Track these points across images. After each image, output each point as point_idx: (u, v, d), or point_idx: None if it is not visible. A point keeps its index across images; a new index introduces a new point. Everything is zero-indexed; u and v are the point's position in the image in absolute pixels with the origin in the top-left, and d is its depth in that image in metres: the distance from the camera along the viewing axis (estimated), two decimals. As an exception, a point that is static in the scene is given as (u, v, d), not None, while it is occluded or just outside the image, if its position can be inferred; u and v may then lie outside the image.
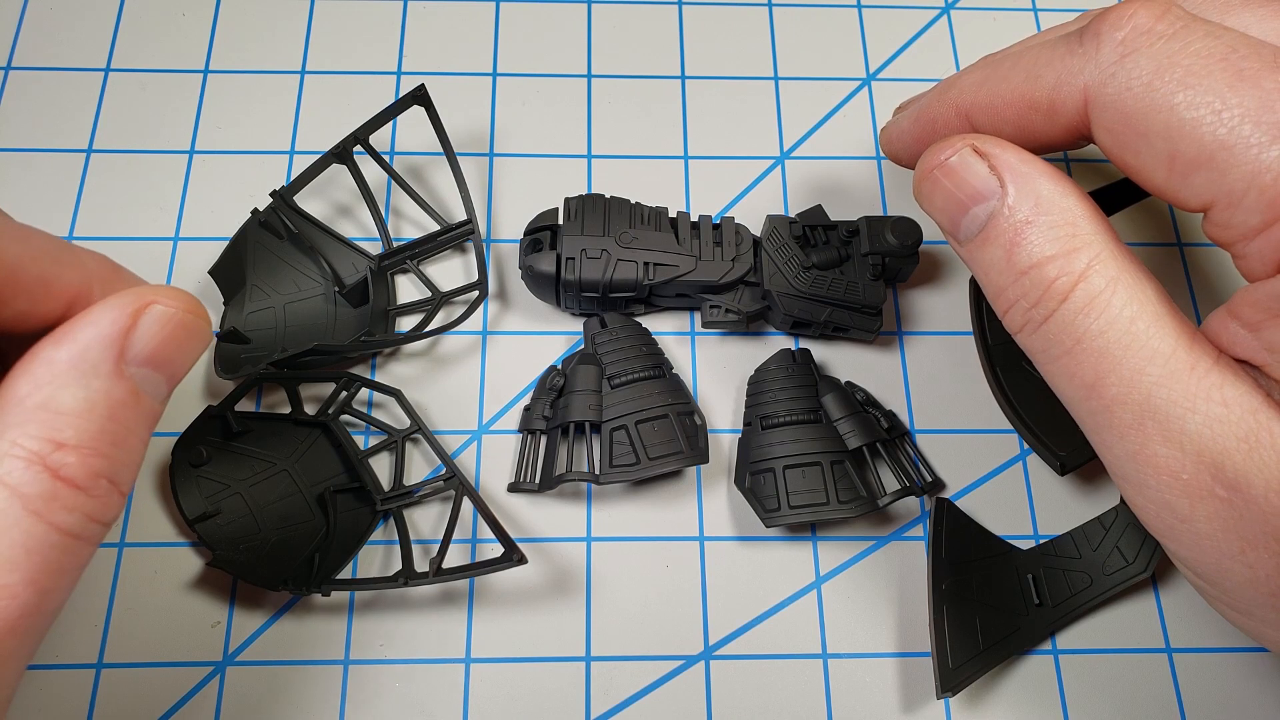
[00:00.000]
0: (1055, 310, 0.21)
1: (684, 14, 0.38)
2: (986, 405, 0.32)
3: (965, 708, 0.28)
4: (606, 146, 0.35)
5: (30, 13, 0.36)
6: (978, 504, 0.31)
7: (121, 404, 0.18)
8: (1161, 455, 0.20)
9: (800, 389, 0.30)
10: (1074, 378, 0.21)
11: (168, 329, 0.19)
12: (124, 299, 0.19)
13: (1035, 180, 0.22)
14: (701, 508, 0.30)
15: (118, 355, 0.18)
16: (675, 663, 0.28)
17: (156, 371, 0.19)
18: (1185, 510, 0.20)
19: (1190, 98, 0.20)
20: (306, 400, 0.31)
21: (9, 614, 0.17)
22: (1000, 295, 0.22)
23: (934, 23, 0.38)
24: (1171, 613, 0.29)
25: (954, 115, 0.26)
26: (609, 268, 0.30)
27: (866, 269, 0.31)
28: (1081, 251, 0.21)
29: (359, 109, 0.35)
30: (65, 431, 0.17)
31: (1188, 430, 0.20)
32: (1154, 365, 0.20)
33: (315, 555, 0.28)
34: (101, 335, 0.18)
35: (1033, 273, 0.21)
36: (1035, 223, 0.21)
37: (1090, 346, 0.21)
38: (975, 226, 0.22)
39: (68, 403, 0.18)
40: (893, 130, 0.29)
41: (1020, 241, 0.21)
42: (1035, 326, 0.22)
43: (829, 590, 0.29)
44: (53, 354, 0.18)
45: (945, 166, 0.23)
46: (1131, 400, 0.20)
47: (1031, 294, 0.21)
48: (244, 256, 0.32)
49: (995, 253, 0.22)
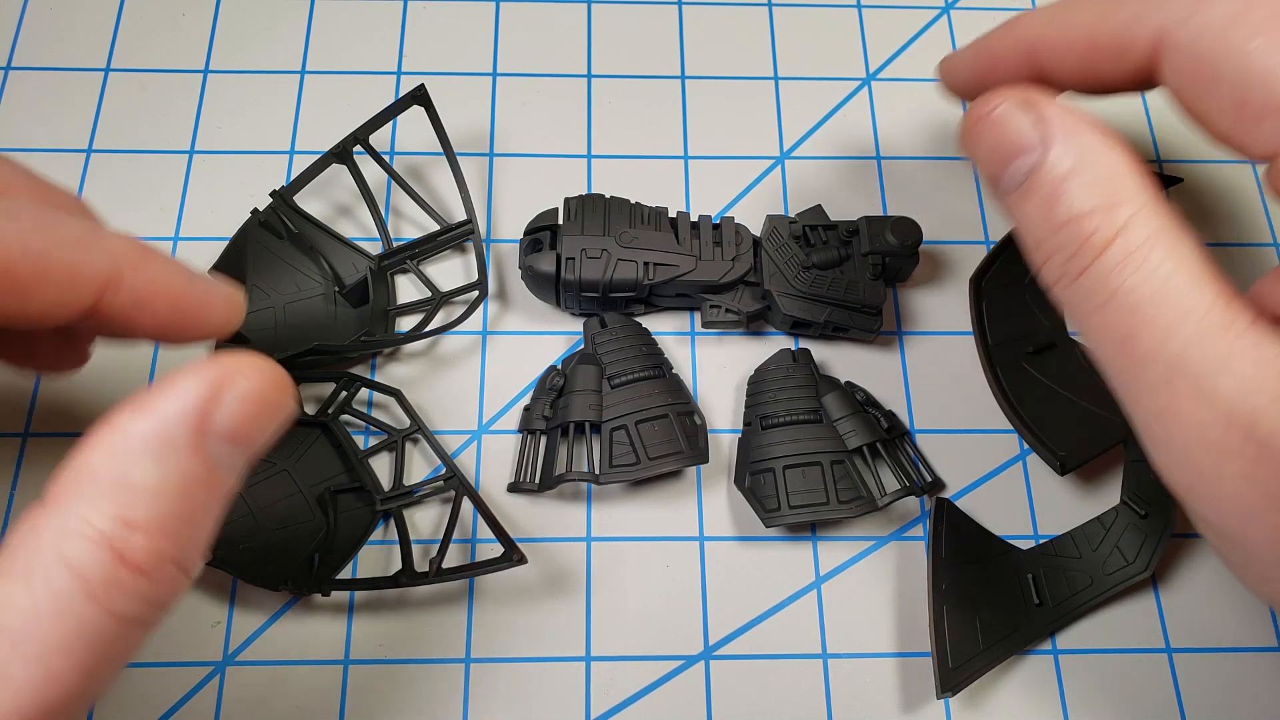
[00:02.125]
0: (1091, 263, 0.21)
1: (684, 14, 0.38)
2: (986, 405, 0.32)
3: (965, 708, 0.28)
4: (606, 146, 0.35)
5: (30, 12, 0.36)
6: (978, 504, 0.30)
7: (197, 482, 0.17)
8: (1190, 413, 0.20)
9: (800, 389, 0.30)
10: (1107, 332, 0.21)
11: (250, 405, 0.18)
12: (207, 371, 0.18)
13: (1080, 134, 0.22)
14: (701, 508, 0.30)
15: (197, 431, 0.17)
16: (675, 663, 0.28)
17: (235, 447, 0.18)
18: (1211, 469, 0.20)
19: (1265, 44, 0.20)
20: (306, 400, 0.31)
21: (53, 700, 0.16)
22: (1039, 247, 0.22)
23: (934, 23, 0.38)
24: (1171, 613, 0.29)
25: (1017, 50, 0.26)
26: (609, 268, 0.30)
27: (866, 269, 0.31)
28: (1122, 206, 0.21)
29: (359, 109, 0.35)
30: (137, 510, 0.17)
31: (1219, 389, 0.19)
32: (1188, 322, 0.20)
33: (315, 555, 0.28)
34: (182, 410, 0.17)
35: (1071, 225, 0.21)
36: (1077, 176, 0.21)
37: (1124, 301, 0.20)
38: (1018, 178, 0.22)
39: (142, 480, 0.17)
40: (953, 61, 0.28)
41: (1061, 194, 0.21)
42: (1071, 279, 0.21)
43: (829, 590, 0.29)
44: (130, 426, 0.17)
45: (991, 118, 0.23)
46: (1163, 356, 0.20)
47: (1069, 246, 0.21)
48: (244, 256, 0.32)
49: (1035, 205, 0.22)
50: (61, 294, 0.19)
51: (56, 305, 0.20)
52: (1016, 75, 0.26)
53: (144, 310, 0.21)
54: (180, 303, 0.22)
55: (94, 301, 0.20)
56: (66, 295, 0.20)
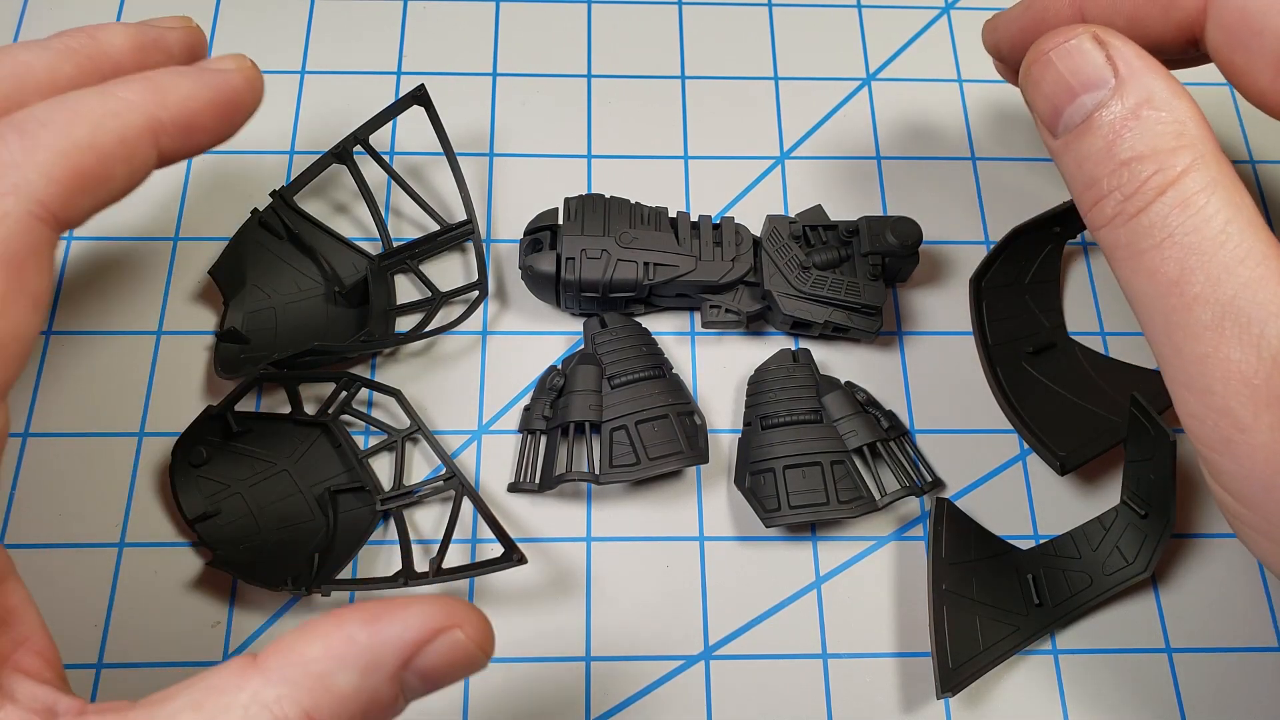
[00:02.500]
0: (1150, 203, 0.21)
1: (684, 14, 0.38)
2: (986, 405, 0.32)
3: (965, 708, 0.28)
4: (606, 146, 0.35)
5: (30, 12, 0.36)
6: (978, 504, 0.31)
7: (383, 705, 0.19)
8: (1236, 359, 0.20)
9: (800, 389, 0.30)
10: (1157, 273, 0.21)
11: (455, 654, 0.19)
12: (437, 611, 0.19)
13: (1149, 76, 0.22)
14: (701, 508, 0.30)
15: (404, 662, 0.18)
16: (675, 663, 0.28)
17: (423, 683, 0.19)
18: (1249, 419, 0.20)
19: None
20: (306, 400, 0.31)
21: None
22: (1093, 186, 0.22)
23: (934, 23, 0.38)
24: (1171, 613, 0.29)
25: (1067, 4, 0.26)
26: (609, 268, 0.30)
27: (866, 269, 0.31)
28: (1185, 150, 0.21)
29: (359, 109, 0.35)
30: (323, 711, 0.18)
31: (1268, 335, 0.19)
32: (1245, 267, 0.20)
33: (315, 555, 0.28)
34: (401, 640, 0.18)
35: (1134, 165, 0.21)
36: (1143, 117, 0.21)
37: (1181, 242, 0.20)
38: (1080, 114, 0.22)
39: (343, 685, 0.18)
40: (1000, 19, 0.28)
41: (1125, 132, 0.21)
42: (1126, 219, 0.21)
43: (829, 590, 0.29)
44: (354, 634, 0.18)
45: (1062, 50, 0.23)
46: (1214, 299, 0.20)
47: (1128, 186, 0.21)
48: (244, 256, 0.32)
49: (1096, 142, 0.22)
50: (130, 166, 0.21)
51: (127, 180, 0.21)
52: None
53: (193, 132, 0.22)
54: (217, 107, 0.23)
55: (155, 155, 0.21)
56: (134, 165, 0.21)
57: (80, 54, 0.23)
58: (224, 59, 0.23)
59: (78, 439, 0.30)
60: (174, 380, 0.31)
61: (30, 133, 0.20)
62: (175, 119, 0.21)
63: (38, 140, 0.19)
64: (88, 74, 0.23)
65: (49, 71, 0.22)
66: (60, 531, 0.29)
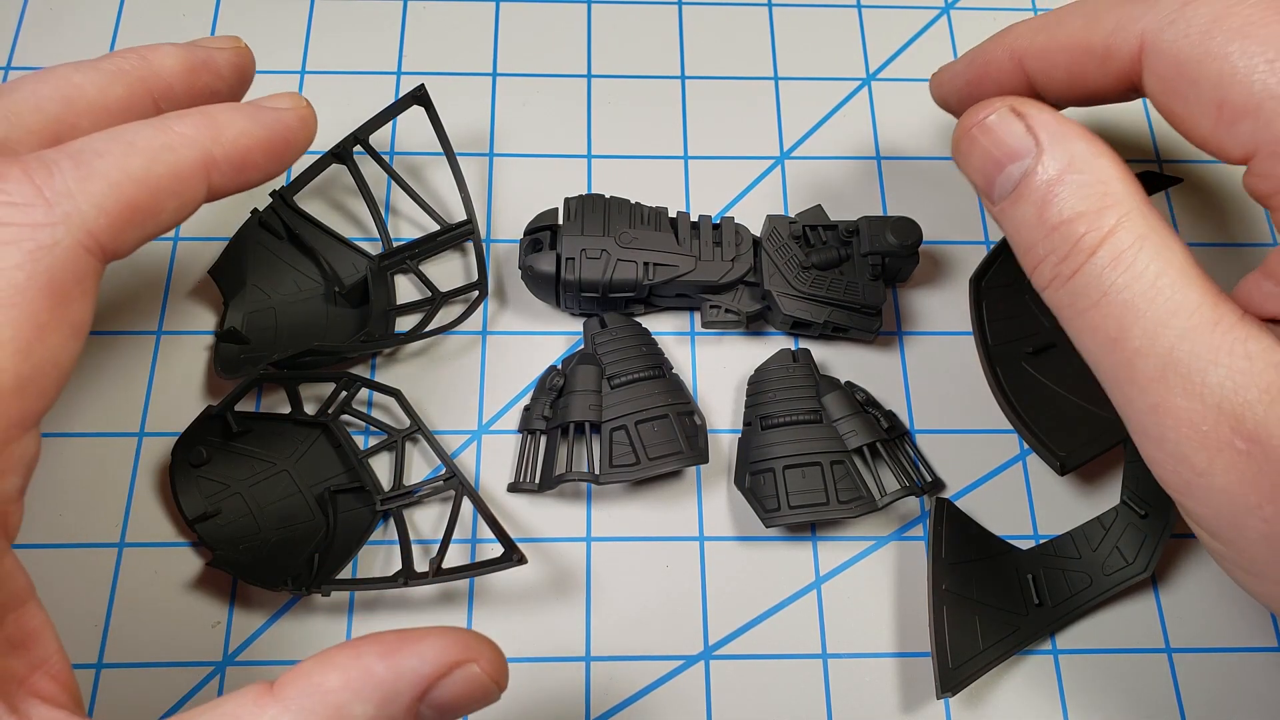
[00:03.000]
0: (1083, 264, 0.21)
1: (684, 14, 0.38)
2: (986, 405, 0.32)
3: (965, 708, 0.28)
4: (606, 146, 0.35)
5: (30, 12, 0.36)
6: (978, 504, 0.31)
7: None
8: (1182, 408, 0.20)
9: (800, 389, 0.30)
10: (1098, 331, 0.21)
11: (470, 688, 0.19)
12: (453, 644, 0.19)
13: (1069, 140, 0.22)
14: (701, 508, 0.30)
15: (420, 695, 0.19)
16: (675, 663, 0.28)
17: (438, 715, 0.19)
18: (1203, 463, 0.20)
19: (1244, 47, 0.21)
20: (306, 400, 0.31)
21: None
22: (1030, 251, 0.23)
23: (934, 23, 0.38)
24: (1171, 613, 0.29)
25: (1008, 59, 0.26)
26: (609, 268, 0.30)
27: (866, 269, 0.31)
28: (1111, 209, 0.21)
29: (359, 109, 0.35)
30: None
31: (1209, 383, 0.20)
32: (1178, 319, 0.20)
33: (315, 555, 0.28)
34: (418, 673, 0.19)
35: (1063, 228, 0.22)
36: (1067, 180, 0.22)
37: (1115, 300, 0.21)
38: (1009, 184, 0.23)
39: (359, 717, 0.18)
40: (944, 74, 0.29)
41: (1052, 198, 0.22)
42: (1063, 281, 0.22)
43: (829, 590, 0.29)
44: (371, 666, 0.18)
45: (983, 125, 0.23)
46: (1154, 352, 0.20)
47: (1060, 249, 0.22)
48: (244, 256, 0.32)
49: (1027, 209, 0.22)
50: (180, 201, 0.21)
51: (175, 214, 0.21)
52: (1007, 86, 0.27)
53: (245, 170, 0.22)
54: (270, 145, 0.23)
55: (206, 191, 0.22)
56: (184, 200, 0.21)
57: (131, 75, 0.23)
58: (280, 97, 0.24)
59: (78, 439, 0.30)
60: (174, 380, 0.31)
61: (85, 162, 0.20)
62: (229, 156, 0.22)
63: (93, 170, 0.20)
64: (138, 96, 0.23)
65: (99, 93, 0.22)
66: (60, 531, 0.29)
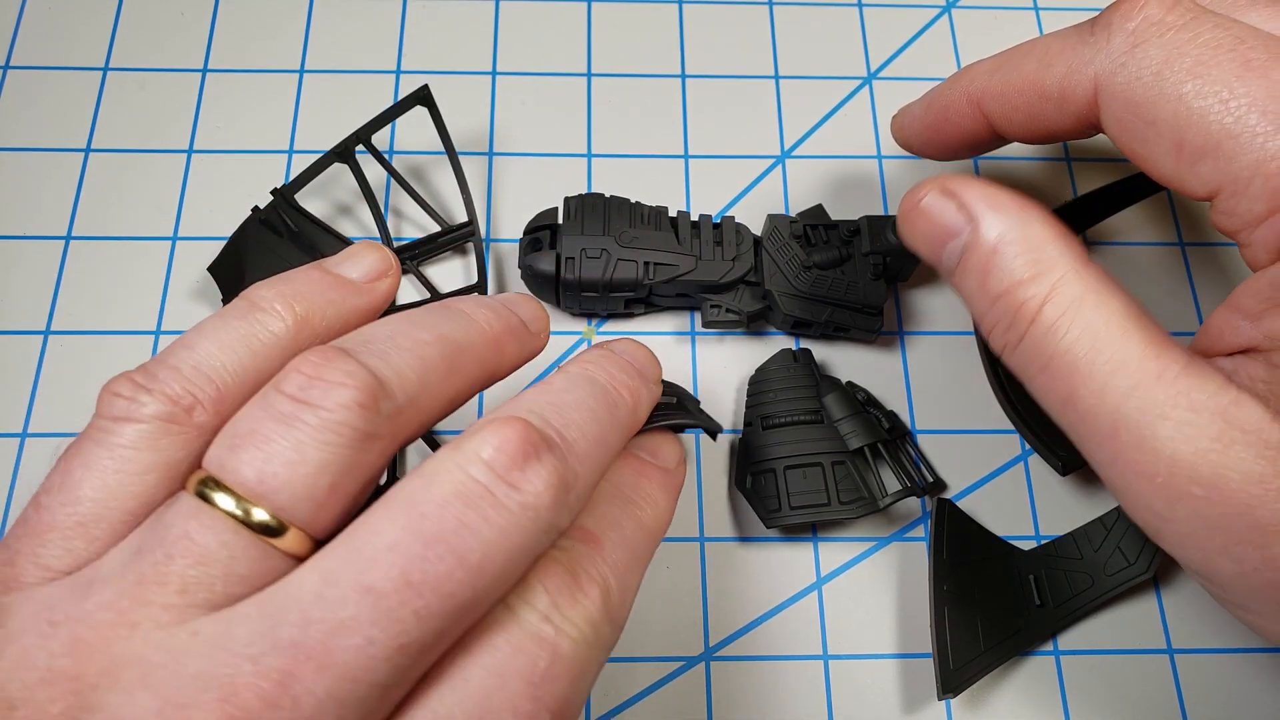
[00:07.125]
0: (1026, 331, 0.22)
1: (684, 14, 0.38)
2: (987, 405, 0.32)
3: (966, 709, 0.28)
4: (606, 146, 0.35)
5: (29, 12, 0.36)
6: (979, 504, 0.30)
7: None
8: (1137, 461, 0.20)
9: (801, 389, 0.30)
10: (1050, 394, 0.22)
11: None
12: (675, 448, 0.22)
13: (1000, 211, 0.22)
14: (701, 508, 0.30)
15: None
16: (676, 663, 0.28)
17: None
18: (1166, 511, 0.20)
19: (1198, 87, 0.21)
20: (306, 400, 0.31)
21: None
22: (982, 320, 0.23)
23: (935, 22, 0.38)
24: (1173, 613, 0.29)
25: (965, 102, 0.27)
26: (609, 267, 0.30)
27: (867, 268, 0.31)
28: (1046, 275, 0.22)
29: (358, 108, 0.35)
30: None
31: (1159, 436, 0.20)
32: (1119, 376, 0.20)
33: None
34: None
35: (1004, 298, 0.22)
36: (1002, 252, 0.22)
37: (1060, 363, 0.21)
38: (953, 260, 0.23)
39: None
40: (904, 117, 0.30)
41: (990, 270, 0.22)
42: (1012, 348, 0.22)
43: (830, 591, 0.29)
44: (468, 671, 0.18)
45: (919, 208, 0.24)
46: (1103, 411, 0.21)
47: (1005, 318, 0.22)
48: (244, 254, 0.32)
49: (971, 282, 0.23)
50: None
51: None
52: (967, 128, 0.27)
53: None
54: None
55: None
56: None
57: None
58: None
59: (76, 439, 0.30)
60: (173, 380, 0.31)
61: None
62: None
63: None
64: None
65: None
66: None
